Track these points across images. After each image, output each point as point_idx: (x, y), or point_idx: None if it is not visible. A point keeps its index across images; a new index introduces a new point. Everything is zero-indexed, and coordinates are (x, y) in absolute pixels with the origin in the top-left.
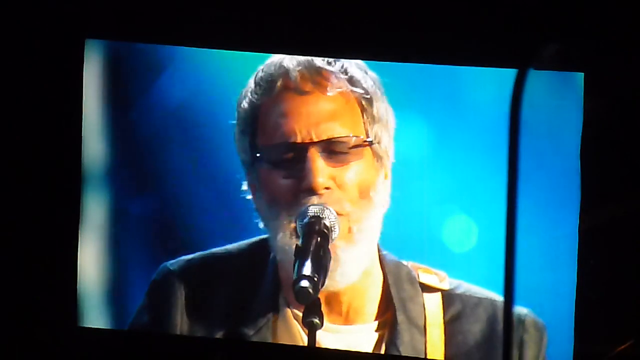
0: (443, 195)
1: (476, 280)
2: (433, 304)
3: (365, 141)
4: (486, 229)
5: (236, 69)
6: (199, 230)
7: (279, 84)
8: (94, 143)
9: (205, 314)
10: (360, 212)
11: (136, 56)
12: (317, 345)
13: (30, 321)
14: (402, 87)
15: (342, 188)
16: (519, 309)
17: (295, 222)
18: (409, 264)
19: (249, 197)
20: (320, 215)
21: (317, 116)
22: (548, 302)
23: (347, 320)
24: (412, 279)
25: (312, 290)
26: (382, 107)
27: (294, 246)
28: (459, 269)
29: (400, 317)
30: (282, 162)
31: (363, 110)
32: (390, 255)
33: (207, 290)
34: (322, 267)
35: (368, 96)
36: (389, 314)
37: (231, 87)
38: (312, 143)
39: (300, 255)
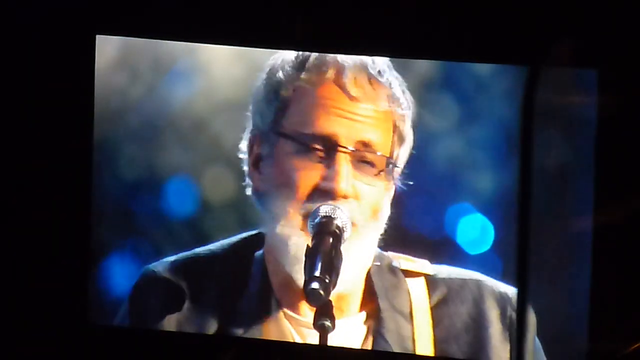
0: (457, 195)
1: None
2: (418, 290)
3: (388, 159)
4: (500, 229)
5: (247, 66)
6: (207, 228)
7: (329, 75)
8: (106, 139)
9: (192, 316)
10: (367, 231)
11: (147, 52)
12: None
13: (40, 318)
14: (413, 85)
15: (359, 201)
16: (505, 288)
17: (306, 221)
18: (389, 253)
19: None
20: (332, 215)
21: (360, 125)
22: (562, 300)
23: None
24: (393, 268)
25: (323, 291)
26: (409, 127)
27: (294, 236)
28: (472, 267)
29: (383, 305)
30: (309, 153)
31: (395, 129)
32: None
33: (193, 292)
34: (333, 268)
35: (402, 116)
36: (373, 303)
37: (239, 84)
38: (346, 147)
39: (311, 256)
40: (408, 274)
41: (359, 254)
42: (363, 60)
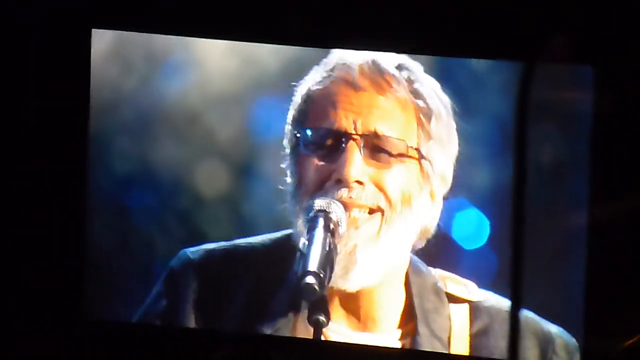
0: (453, 189)
1: (485, 276)
2: (460, 316)
3: (411, 147)
4: (496, 224)
5: (241, 59)
6: (200, 223)
7: (336, 74)
8: (100, 133)
9: (222, 308)
10: (396, 216)
11: (141, 45)
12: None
13: (35, 314)
14: None
15: (379, 186)
16: (550, 327)
17: (301, 216)
18: (436, 273)
19: (288, 180)
20: (327, 209)
21: (367, 111)
22: (557, 297)
23: (366, 327)
24: (437, 290)
25: (318, 286)
26: (444, 129)
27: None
28: (468, 263)
29: (422, 329)
30: (320, 149)
31: (419, 123)
32: (417, 263)
33: (226, 283)
34: (328, 263)
35: (428, 112)
36: (411, 324)
37: (233, 78)
38: (355, 135)
39: (306, 250)
40: (452, 298)
41: (389, 241)
42: (375, 56)
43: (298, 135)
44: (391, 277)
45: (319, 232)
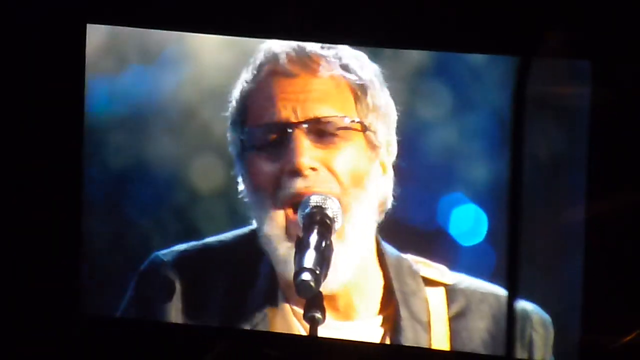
0: (450, 185)
1: (483, 272)
2: (437, 299)
3: (354, 121)
4: (494, 219)
5: (236, 53)
6: (195, 218)
7: (266, 68)
8: (94, 128)
9: (198, 307)
10: (351, 200)
11: (135, 40)
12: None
13: (31, 310)
14: (404, 75)
15: (331, 170)
16: (525, 305)
17: (287, 211)
18: (408, 257)
19: (241, 188)
20: (323, 205)
21: (303, 96)
22: (554, 292)
23: (346, 316)
24: (413, 273)
25: (314, 283)
26: (380, 98)
27: (281, 236)
28: (466, 259)
29: (403, 313)
30: (266, 145)
31: (356, 98)
32: (390, 248)
33: (201, 282)
34: (324, 260)
35: (362, 84)
36: (391, 309)
37: (228, 72)
38: (297, 123)
39: (302, 247)
40: (427, 281)
41: (351, 228)
42: (299, 42)
43: (242, 138)
44: (365, 264)
45: (315, 228)
